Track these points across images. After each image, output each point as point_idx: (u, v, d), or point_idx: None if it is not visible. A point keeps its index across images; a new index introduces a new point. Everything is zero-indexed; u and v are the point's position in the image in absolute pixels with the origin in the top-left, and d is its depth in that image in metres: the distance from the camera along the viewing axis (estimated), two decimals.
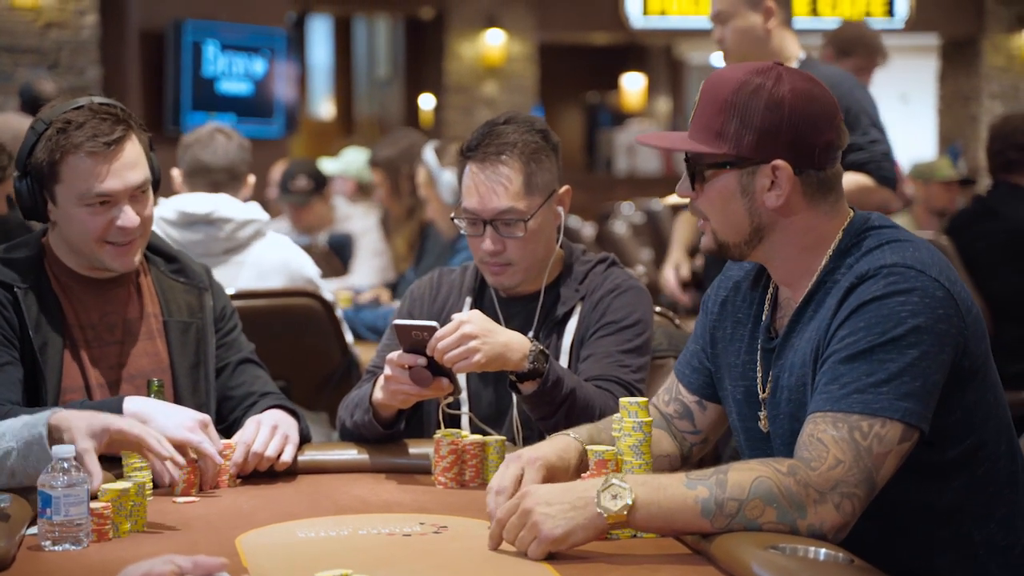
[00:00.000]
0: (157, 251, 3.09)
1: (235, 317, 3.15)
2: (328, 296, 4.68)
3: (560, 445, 2.48)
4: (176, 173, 4.56)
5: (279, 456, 2.81)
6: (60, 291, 2.92)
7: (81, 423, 2.47)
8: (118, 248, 2.90)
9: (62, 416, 2.49)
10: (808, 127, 2.33)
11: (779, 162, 2.33)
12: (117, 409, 2.68)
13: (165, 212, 4.35)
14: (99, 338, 2.94)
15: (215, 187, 4.46)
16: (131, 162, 2.87)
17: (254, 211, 4.47)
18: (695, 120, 2.39)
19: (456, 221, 3.12)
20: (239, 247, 4.43)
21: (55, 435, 2.45)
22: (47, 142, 2.84)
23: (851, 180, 4.32)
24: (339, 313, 4.71)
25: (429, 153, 5.46)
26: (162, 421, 2.68)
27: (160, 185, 2.97)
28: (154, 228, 4.30)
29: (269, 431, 2.82)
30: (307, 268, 4.56)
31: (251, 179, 4.59)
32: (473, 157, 3.07)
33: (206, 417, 2.73)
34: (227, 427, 2.97)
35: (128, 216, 2.87)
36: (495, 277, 3.10)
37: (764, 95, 2.32)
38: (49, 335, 2.86)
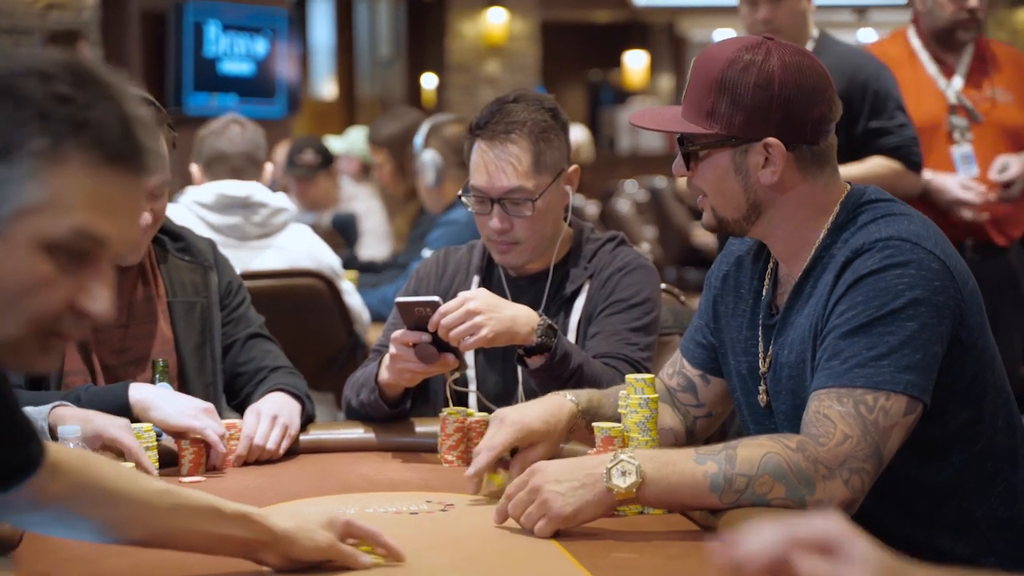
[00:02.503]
0: (162, 230, 3.08)
1: (243, 291, 3.14)
2: (347, 285, 4.71)
3: (551, 407, 2.50)
4: (195, 168, 4.61)
5: (278, 447, 2.80)
6: None
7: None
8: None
9: (59, 414, 2.54)
10: (799, 102, 2.32)
11: (771, 140, 2.32)
12: (122, 395, 2.70)
13: (202, 196, 4.45)
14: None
15: (236, 173, 4.55)
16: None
17: (284, 200, 4.60)
18: (687, 98, 2.38)
19: (463, 199, 3.12)
20: (271, 232, 4.53)
21: (55, 432, 2.49)
22: None
23: (882, 165, 4.29)
24: (353, 300, 4.72)
25: (422, 131, 5.45)
26: (166, 409, 2.69)
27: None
28: (190, 213, 4.37)
29: (269, 423, 2.80)
30: (330, 257, 4.65)
31: (269, 167, 4.66)
32: (482, 135, 3.06)
33: (209, 405, 2.74)
34: (240, 402, 2.98)
35: (142, 217, 2.86)
36: (502, 256, 3.10)
37: (754, 72, 2.31)
38: None
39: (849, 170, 4.00)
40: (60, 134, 1.48)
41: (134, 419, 2.68)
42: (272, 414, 2.82)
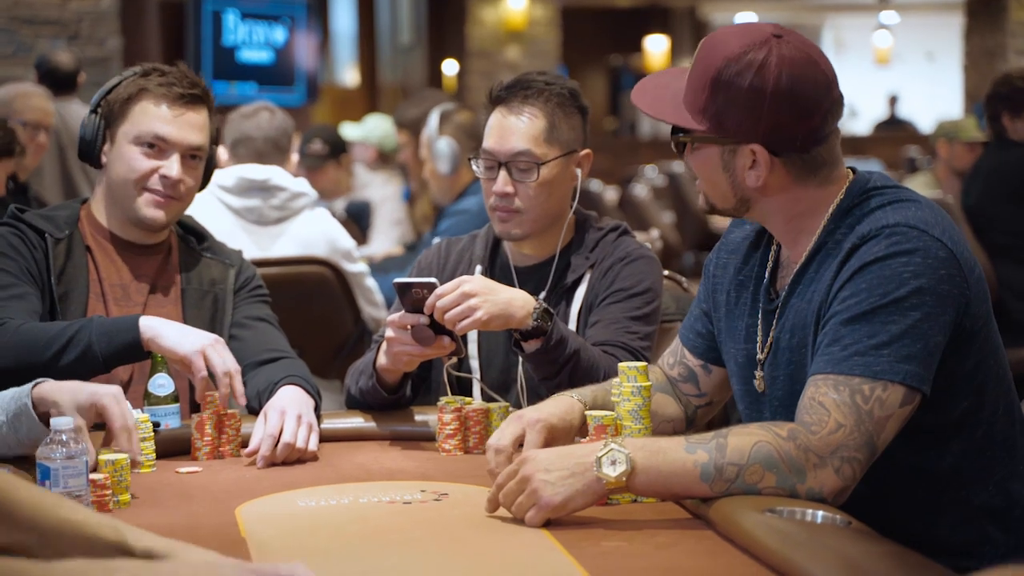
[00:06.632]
0: (190, 230, 3.20)
1: (262, 290, 3.20)
2: (363, 267, 4.74)
3: (563, 406, 2.47)
4: (221, 149, 4.69)
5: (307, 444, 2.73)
6: (91, 250, 3.03)
7: (67, 397, 2.47)
8: (155, 197, 3.02)
9: (45, 388, 2.50)
10: (789, 114, 2.28)
11: (756, 147, 2.31)
12: (133, 325, 2.77)
13: (223, 180, 4.55)
14: (128, 298, 3.04)
15: (259, 157, 4.66)
16: (195, 124, 3.05)
17: (304, 185, 4.68)
18: (688, 84, 2.36)
19: (473, 164, 3.12)
20: (289, 216, 4.60)
21: (40, 407, 2.47)
22: (129, 82, 3.04)
23: None
24: (371, 282, 4.74)
25: (434, 118, 5.46)
26: (175, 339, 2.75)
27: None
28: (211, 196, 4.43)
29: (295, 422, 2.73)
30: (344, 241, 4.70)
31: (294, 158, 4.76)
32: (501, 101, 3.09)
33: (218, 338, 2.78)
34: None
35: (172, 167, 3.01)
36: (502, 224, 3.09)
37: (749, 75, 2.26)
38: (72, 286, 2.96)
39: None
40: None
41: (145, 350, 2.76)
42: (297, 413, 2.75)
